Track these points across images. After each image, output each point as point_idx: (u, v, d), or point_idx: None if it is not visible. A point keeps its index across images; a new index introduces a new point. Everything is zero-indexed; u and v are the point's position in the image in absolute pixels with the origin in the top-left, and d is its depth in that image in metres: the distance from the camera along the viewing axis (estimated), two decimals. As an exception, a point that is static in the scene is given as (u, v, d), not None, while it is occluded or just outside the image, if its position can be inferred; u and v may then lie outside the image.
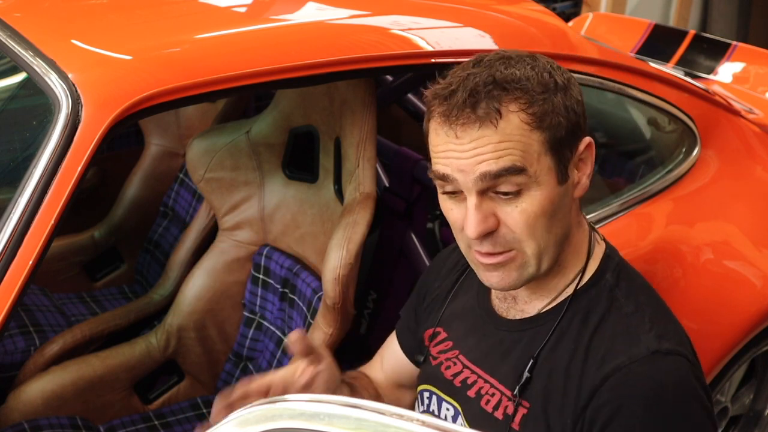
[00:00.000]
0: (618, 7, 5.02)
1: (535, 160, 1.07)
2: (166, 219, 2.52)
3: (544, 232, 1.10)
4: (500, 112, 1.05)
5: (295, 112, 1.92)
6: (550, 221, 1.10)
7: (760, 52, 2.94)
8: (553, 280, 1.18)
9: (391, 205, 2.05)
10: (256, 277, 2.01)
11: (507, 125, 1.05)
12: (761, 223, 2.09)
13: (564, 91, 1.10)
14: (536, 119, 1.06)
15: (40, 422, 1.84)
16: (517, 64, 1.09)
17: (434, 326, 1.34)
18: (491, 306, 1.26)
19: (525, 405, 1.15)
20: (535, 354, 1.15)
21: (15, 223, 1.24)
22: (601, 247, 1.22)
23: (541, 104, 1.07)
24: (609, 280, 1.18)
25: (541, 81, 1.08)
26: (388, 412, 0.81)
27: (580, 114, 1.12)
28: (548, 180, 1.09)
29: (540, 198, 1.08)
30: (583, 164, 1.14)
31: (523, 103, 1.06)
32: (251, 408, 0.87)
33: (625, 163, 2.44)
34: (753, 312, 1.98)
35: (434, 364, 1.32)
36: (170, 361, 2.07)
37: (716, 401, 2.14)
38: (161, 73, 1.39)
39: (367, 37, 1.68)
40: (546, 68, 1.10)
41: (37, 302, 2.28)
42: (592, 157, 1.15)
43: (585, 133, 1.13)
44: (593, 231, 1.23)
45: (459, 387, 1.26)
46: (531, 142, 1.06)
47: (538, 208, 1.08)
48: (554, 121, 1.08)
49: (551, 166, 1.09)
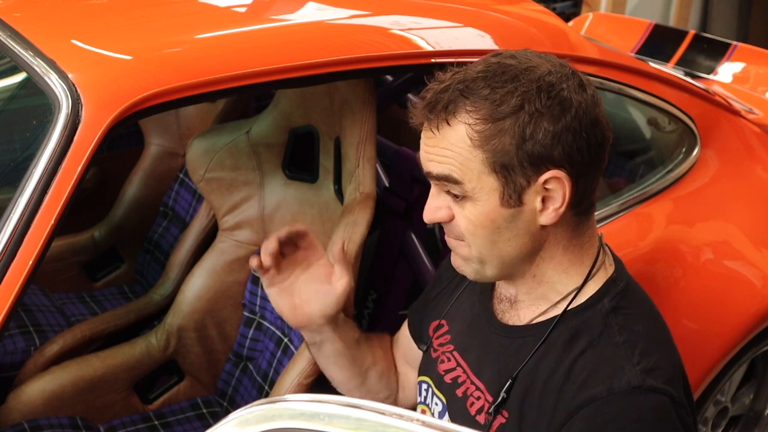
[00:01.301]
0: (618, 7, 5.03)
1: (474, 176, 1.08)
2: (166, 219, 2.52)
3: (486, 243, 1.12)
4: (449, 121, 1.08)
5: (295, 112, 1.92)
6: (493, 236, 1.11)
7: (760, 52, 2.94)
8: (538, 289, 1.17)
9: (391, 205, 2.05)
10: (256, 277, 2.01)
11: (453, 135, 1.08)
12: (761, 223, 2.09)
13: (541, 120, 1.05)
14: (480, 138, 1.07)
15: (40, 422, 1.84)
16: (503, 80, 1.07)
17: (440, 318, 1.36)
18: (491, 307, 1.26)
19: (504, 415, 1.15)
20: (514, 374, 1.15)
21: (15, 223, 1.24)
22: (606, 272, 1.18)
23: (491, 124, 1.06)
24: (606, 305, 1.14)
25: (509, 103, 1.05)
26: (388, 412, 0.81)
27: (556, 145, 1.06)
28: (489, 199, 1.09)
29: (477, 213, 1.10)
30: (549, 196, 1.09)
31: (475, 118, 1.07)
32: (251, 408, 0.87)
33: (625, 163, 2.44)
34: (753, 312, 1.98)
35: (434, 357, 1.33)
36: (170, 361, 2.07)
37: (716, 401, 2.14)
38: (161, 73, 1.39)
39: (367, 37, 1.68)
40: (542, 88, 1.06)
41: (37, 302, 2.28)
42: (564, 193, 1.08)
43: (561, 166, 1.07)
44: (605, 255, 1.20)
45: (449, 384, 1.26)
46: (471, 158, 1.08)
47: (476, 220, 1.11)
48: (500, 146, 1.06)
49: (495, 187, 1.08)
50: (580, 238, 1.16)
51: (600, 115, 1.10)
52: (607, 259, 1.20)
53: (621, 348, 1.10)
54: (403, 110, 2.43)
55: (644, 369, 1.08)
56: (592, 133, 1.08)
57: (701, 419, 2.11)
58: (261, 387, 1.97)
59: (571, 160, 1.08)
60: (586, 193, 1.12)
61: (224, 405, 2.05)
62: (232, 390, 2.05)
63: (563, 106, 1.06)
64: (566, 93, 1.07)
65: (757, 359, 2.22)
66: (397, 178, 2.08)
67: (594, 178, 1.12)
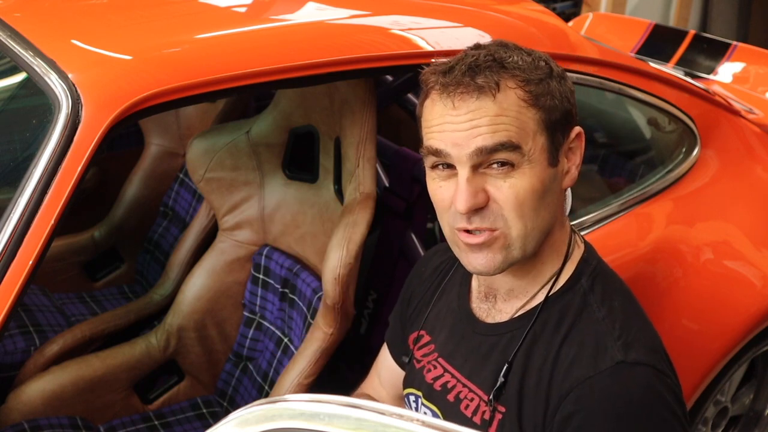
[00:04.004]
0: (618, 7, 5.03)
1: (530, 137, 1.08)
2: (166, 219, 2.52)
3: (532, 213, 1.10)
4: (498, 85, 1.07)
5: (295, 112, 1.92)
6: (538, 202, 1.10)
7: (760, 52, 2.94)
8: (530, 274, 1.17)
9: (391, 205, 2.05)
10: (256, 277, 2.01)
11: (505, 99, 1.07)
12: (761, 223, 2.09)
13: (559, 78, 1.13)
14: (533, 97, 1.08)
15: (40, 422, 1.84)
16: (515, 51, 1.12)
17: (419, 329, 1.34)
18: (470, 309, 1.26)
19: (501, 410, 1.15)
20: (510, 359, 1.15)
21: (15, 223, 1.24)
22: (579, 250, 1.20)
23: (537, 84, 1.09)
24: (584, 284, 1.16)
25: (537, 66, 1.11)
26: (388, 412, 0.81)
27: (573, 104, 1.14)
28: (541, 160, 1.10)
29: (531, 176, 1.09)
30: (572, 153, 1.16)
31: (521, 80, 1.08)
32: (251, 408, 0.87)
33: (625, 163, 2.44)
34: (753, 312, 1.98)
35: (417, 368, 1.32)
36: (170, 361, 2.07)
37: (716, 401, 2.14)
38: (161, 73, 1.39)
39: (367, 37, 1.68)
40: (542, 57, 1.14)
41: (37, 302, 2.28)
42: (582, 147, 1.16)
43: (576, 123, 1.16)
44: (574, 233, 1.23)
45: (439, 391, 1.26)
46: (527, 119, 1.08)
47: (528, 186, 1.09)
48: (549, 103, 1.10)
49: (544, 146, 1.10)
50: (563, 216, 1.20)
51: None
52: (578, 238, 1.23)
53: (602, 324, 1.12)
54: (403, 110, 2.43)
55: (625, 343, 1.09)
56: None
57: (701, 419, 2.11)
58: (261, 387, 1.98)
59: (577, 117, 1.16)
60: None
61: (224, 405, 2.05)
62: (232, 390, 2.05)
63: (563, 71, 1.15)
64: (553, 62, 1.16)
65: (757, 359, 2.22)
66: (397, 178, 2.08)
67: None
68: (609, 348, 1.09)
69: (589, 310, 1.14)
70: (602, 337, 1.10)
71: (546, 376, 1.11)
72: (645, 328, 1.15)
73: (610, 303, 1.15)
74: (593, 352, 1.09)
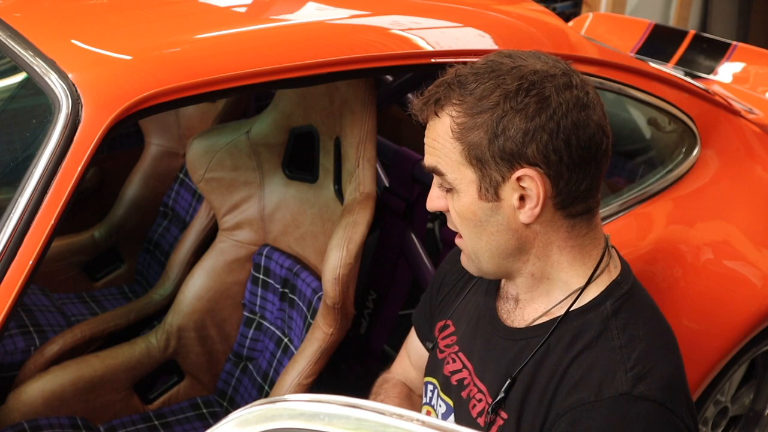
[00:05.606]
0: (618, 7, 5.03)
1: (454, 167, 1.11)
2: (166, 219, 2.52)
3: (473, 236, 1.15)
4: (437, 113, 1.12)
5: (295, 112, 1.92)
6: (476, 229, 1.13)
7: (760, 52, 2.94)
8: (539, 287, 1.17)
9: (391, 205, 2.05)
10: (256, 277, 2.01)
11: (440, 126, 1.12)
12: (761, 223, 2.09)
13: (514, 117, 1.05)
14: (461, 130, 1.09)
15: (40, 422, 1.84)
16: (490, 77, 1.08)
17: (446, 318, 1.35)
18: (495, 307, 1.26)
19: (503, 416, 1.15)
20: (514, 373, 1.15)
21: (15, 223, 1.24)
22: (611, 274, 1.17)
23: (475, 116, 1.08)
24: (608, 308, 1.13)
25: (489, 98, 1.07)
26: (388, 412, 0.81)
27: (523, 145, 1.06)
28: (469, 191, 1.12)
29: (460, 205, 1.13)
30: (526, 195, 1.09)
31: (458, 111, 1.10)
32: (251, 408, 0.87)
33: (625, 163, 2.44)
34: (753, 312, 1.98)
35: (440, 357, 1.32)
36: (170, 361, 2.07)
37: (716, 401, 2.14)
38: (161, 73, 1.39)
39: (367, 37, 1.68)
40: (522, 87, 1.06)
41: (37, 302, 2.28)
42: (538, 192, 1.08)
43: (533, 165, 1.07)
44: (610, 257, 1.18)
45: (455, 385, 1.26)
46: (451, 149, 1.11)
47: (460, 212, 1.14)
48: (475, 139, 1.08)
49: (473, 179, 1.11)
50: (579, 240, 1.15)
51: (587, 117, 1.07)
52: (612, 262, 1.19)
53: (617, 352, 1.09)
54: (403, 110, 2.43)
55: (637, 375, 1.06)
56: (573, 134, 1.06)
57: (701, 419, 2.11)
58: (261, 387, 1.98)
59: (547, 159, 1.06)
60: (575, 195, 1.10)
61: (224, 405, 2.05)
62: (232, 390, 2.05)
63: (541, 105, 1.06)
64: (547, 92, 1.06)
65: (757, 359, 2.22)
66: (397, 178, 2.08)
67: (581, 181, 1.09)
68: (618, 377, 1.06)
69: (608, 336, 1.10)
70: (614, 366, 1.07)
71: (550, 391, 1.10)
72: (667, 362, 1.11)
73: (632, 332, 1.11)
74: (601, 378, 1.07)
